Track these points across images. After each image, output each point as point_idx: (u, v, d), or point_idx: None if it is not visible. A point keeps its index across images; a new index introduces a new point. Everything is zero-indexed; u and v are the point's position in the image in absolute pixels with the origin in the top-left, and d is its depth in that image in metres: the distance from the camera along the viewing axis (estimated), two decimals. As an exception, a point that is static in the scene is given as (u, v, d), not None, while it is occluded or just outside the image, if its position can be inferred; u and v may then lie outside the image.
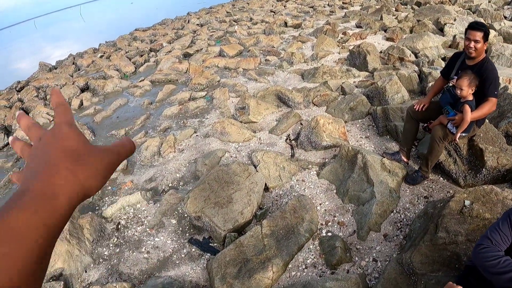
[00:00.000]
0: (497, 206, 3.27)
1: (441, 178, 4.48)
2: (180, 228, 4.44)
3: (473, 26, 3.86)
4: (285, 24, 15.20)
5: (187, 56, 12.23)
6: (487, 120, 4.61)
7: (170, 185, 5.26)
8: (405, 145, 4.63)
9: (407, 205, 4.14)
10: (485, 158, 4.16)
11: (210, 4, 33.15)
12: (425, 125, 4.53)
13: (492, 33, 9.13)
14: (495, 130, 4.49)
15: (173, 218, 4.58)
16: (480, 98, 3.83)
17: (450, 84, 4.12)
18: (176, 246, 4.26)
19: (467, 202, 3.33)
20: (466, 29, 3.95)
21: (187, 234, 4.36)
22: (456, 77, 4.08)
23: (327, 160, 5.02)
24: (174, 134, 6.32)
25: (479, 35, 3.81)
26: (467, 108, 3.74)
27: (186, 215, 4.46)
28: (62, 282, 3.83)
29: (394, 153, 4.76)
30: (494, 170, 4.17)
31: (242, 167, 4.64)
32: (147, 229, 4.51)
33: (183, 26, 20.41)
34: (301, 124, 5.87)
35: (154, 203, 4.89)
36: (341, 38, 11.42)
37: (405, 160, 4.65)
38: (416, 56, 8.53)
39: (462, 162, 4.37)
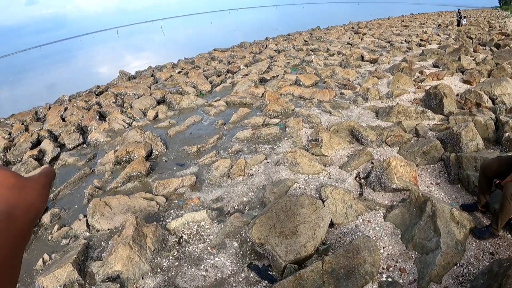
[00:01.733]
0: None
1: (510, 235, 4.30)
2: (241, 252, 4.54)
3: None
4: (362, 58, 15.25)
5: (263, 81, 12.56)
6: None
7: (236, 207, 5.41)
8: (481, 199, 4.52)
9: (471, 260, 4.01)
10: None
11: (288, 31, 33.87)
12: (497, 181, 4.35)
13: None
14: None
15: (235, 240, 4.70)
16: None
17: None
18: (235, 268, 4.35)
19: None
20: None
21: (247, 259, 4.44)
22: None
23: (395, 203, 4.96)
24: (245, 157, 6.51)
25: None
26: None
27: (248, 240, 4.56)
28: (118, 285, 4.05)
29: (472, 205, 4.67)
30: None
31: (310, 200, 4.72)
32: (208, 248, 4.64)
33: (261, 50, 20.99)
34: (372, 163, 5.85)
35: (218, 223, 5.03)
36: (418, 77, 11.31)
37: (481, 209, 4.56)
38: (494, 103, 8.26)
39: None
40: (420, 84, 10.49)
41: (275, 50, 20.79)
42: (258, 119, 8.38)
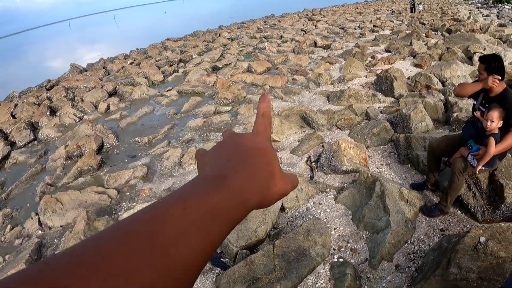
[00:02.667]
0: None
1: (459, 212, 4.40)
2: (193, 241, 4.48)
3: (479, 58, 3.99)
4: (315, 44, 15.30)
5: (215, 69, 12.41)
6: (509, 155, 4.55)
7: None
8: (430, 178, 4.62)
9: (422, 237, 4.07)
10: (505, 195, 4.07)
11: (242, 19, 33.67)
12: (446, 159, 4.47)
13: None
14: None
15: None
16: (502, 130, 3.80)
17: (476, 115, 4.09)
18: (187, 258, 4.29)
19: (482, 239, 3.27)
20: None
21: (199, 247, 4.39)
22: (480, 108, 4.07)
23: (345, 185, 4.99)
24: (196, 146, 6.41)
25: (481, 67, 3.91)
26: (492, 140, 3.68)
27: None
28: None
29: (421, 183, 4.76)
30: None
31: (260, 185, 4.68)
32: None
33: (214, 39, 20.74)
34: (323, 146, 5.87)
35: (170, 214, 4.93)
36: (370, 61, 11.44)
37: (431, 188, 4.66)
38: (443, 85, 8.45)
39: (482, 196, 4.29)
40: (371, 68, 10.63)
41: (228, 38, 20.61)
42: (209, 107, 8.26)
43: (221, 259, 4.22)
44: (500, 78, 3.87)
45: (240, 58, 13.67)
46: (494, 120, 3.67)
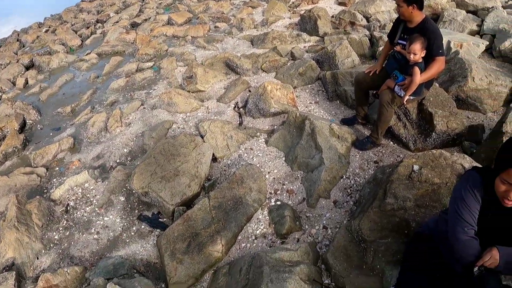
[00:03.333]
0: (446, 170, 3.24)
1: (391, 143, 4.46)
2: (129, 205, 4.29)
3: None
4: (236, -11, 14.77)
5: (134, 26, 11.71)
6: (437, 84, 4.59)
7: (118, 161, 5.04)
8: (359, 112, 4.60)
9: (357, 171, 4.09)
10: (435, 122, 4.14)
11: None
12: (374, 92, 4.47)
13: (446, -2, 9.09)
14: (445, 94, 4.47)
15: (121, 195, 4.41)
16: (426, 59, 3.77)
17: (396, 49, 4.03)
18: (125, 224, 4.12)
19: (415, 167, 3.29)
20: None
21: (136, 211, 4.22)
22: (400, 41, 4.02)
23: (275, 127, 4.91)
24: (120, 108, 6.05)
25: (400, 0, 3.79)
26: (417, 70, 3.67)
27: (134, 192, 4.29)
28: (14, 272, 3.61)
29: (351, 118, 4.74)
30: (444, 134, 4.17)
31: (188, 138, 4.48)
32: (96, 209, 4.32)
33: (131, -7, 19.53)
34: (250, 91, 5.71)
35: (102, 181, 4.68)
36: (293, 3, 11.17)
37: (361, 122, 4.65)
38: (368, 21, 8.39)
39: (412, 126, 4.35)
40: (295, 9, 10.41)
41: None
42: (131, 65, 7.79)
43: (159, 219, 4.07)
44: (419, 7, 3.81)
45: (160, 11, 12.95)
46: (417, 53, 3.66)
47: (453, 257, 2.23)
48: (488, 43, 6.43)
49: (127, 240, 3.94)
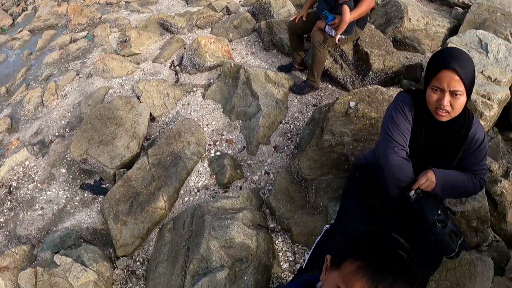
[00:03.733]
0: (383, 105, 3.25)
1: (330, 85, 4.45)
2: (71, 176, 4.14)
3: None
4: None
5: (67, -2, 11.10)
6: (372, 26, 4.59)
7: (56, 134, 4.84)
8: (295, 57, 4.55)
9: (296, 115, 4.08)
10: (371, 61, 4.14)
11: None
12: (306, 35, 4.40)
13: None
14: (381, 35, 4.49)
15: (62, 167, 4.25)
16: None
17: None
18: (68, 195, 3.99)
19: (351, 104, 3.29)
20: None
21: (78, 181, 4.08)
22: None
23: (212, 80, 4.81)
24: (55, 80, 5.77)
25: None
26: (346, 8, 3.60)
27: (75, 162, 4.13)
28: None
29: (288, 65, 4.69)
30: (381, 72, 4.19)
31: (124, 100, 4.33)
32: (38, 185, 4.16)
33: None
34: (185, 48, 5.53)
35: (42, 157, 4.48)
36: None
37: (298, 68, 4.61)
38: None
39: (349, 67, 4.34)
40: None
41: None
42: (64, 37, 7.37)
43: (102, 186, 3.95)
44: None
45: (93, -19, 12.31)
46: None
47: (388, 182, 2.20)
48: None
49: (72, 211, 3.82)
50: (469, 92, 1.87)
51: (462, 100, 1.87)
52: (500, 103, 3.45)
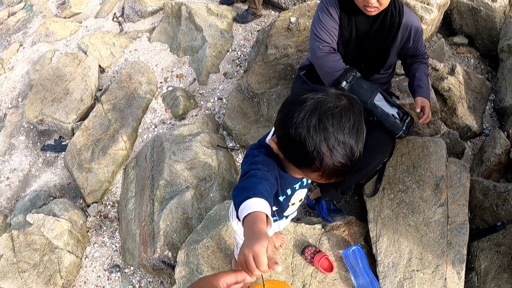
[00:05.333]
0: None
1: (273, 12, 4.43)
2: (31, 142, 4.09)
3: None
4: None
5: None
6: None
7: (10, 106, 4.71)
8: None
9: (242, 42, 4.09)
10: None
11: None
12: None
13: None
14: None
15: (20, 135, 4.18)
16: None
17: None
18: (31, 159, 3.95)
19: (292, 19, 3.31)
20: None
21: (39, 144, 4.04)
22: None
23: (156, 24, 4.73)
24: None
25: None
26: None
27: (32, 126, 4.06)
28: None
29: None
30: None
31: (70, 56, 4.25)
32: (0, 157, 4.07)
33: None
34: (125, 0, 5.40)
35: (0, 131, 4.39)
36: None
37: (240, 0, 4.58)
38: None
39: None
40: None
41: None
42: (1, 13, 7.02)
43: (62, 143, 3.92)
44: None
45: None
46: None
47: (321, 76, 2.26)
48: None
49: (37, 173, 3.81)
50: None
51: None
52: (439, 7, 3.52)
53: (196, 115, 3.47)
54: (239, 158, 3.08)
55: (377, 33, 2.14)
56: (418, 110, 2.16)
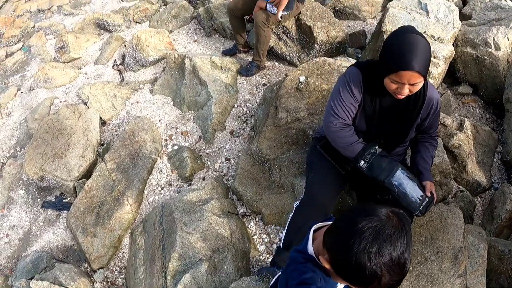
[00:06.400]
0: (332, 75, 3.23)
1: (277, 63, 4.41)
2: (30, 196, 3.91)
3: None
4: None
5: (-4, 11, 10.37)
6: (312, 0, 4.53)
7: (7, 155, 4.53)
8: (239, 40, 4.44)
9: (247, 97, 4.01)
10: (315, 34, 4.11)
11: None
12: (248, 17, 4.33)
13: None
14: (322, 7, 4.43)
15: (19, 189, 4.01)
16: None
17: None
18: (32, 216, 3.76)
19: (302, 78, 3.23)
20: None
21: (39, 199, 3.85)
22: None
23: (158, 74, 4.63)
24: (-1, 103, 5.39)
25: None
26: None
27: (31, 181, 3.88)
28: None
29: (232, 48, 4.59)
30: (326, 43, 4.17)
31: (71, 108, 4.08)
32: (-1, 211, 3.89)
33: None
34: (125, 45, 5.27)
35: (-2, 181, 4.20)
36: None
37: (243, 50, 4.51)
38: None
39: (293, 42, 4.31)
40: None
41: None
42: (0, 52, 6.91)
43: (64, 200, 3.75)
44: None
45: (21, -11, 11.50)
46: None
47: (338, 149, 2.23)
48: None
49: (38, 232, 3.62)
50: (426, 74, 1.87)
51: (420, 84, 1.86)
52: (445, 60, 3.51)
53: (204, 177, 3.33)
54: (251, 225, 2.94)
55: (401, 110, 2.08)
56: (429, 194, 2.11)
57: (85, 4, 7.51)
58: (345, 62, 3.32)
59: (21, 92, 5.35)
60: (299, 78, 3.22)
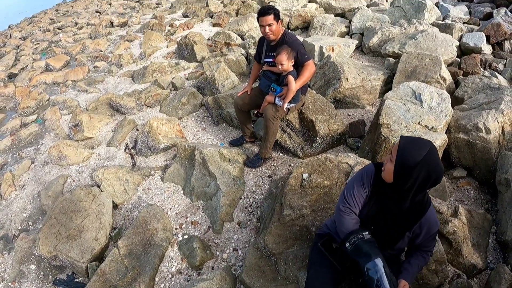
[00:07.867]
0: (334, 172, 3.35)
1: (281, 154, 4.52)
2: (42, 272, 3.92)
3: (262, 12, 3.82)
4: (111, 24, 13.99)
5: (12, 77, 10.57)
6: (313, 91, 4.67)
7: (19, 228, 4.58)
8: (245, 131, 4.60)
9: (253, 188, 4.12)
10: (317, 128, 4.23)
11: (33, 12, 28.97)
12: (256, 112, 4.41)
13: (314, 5, 9.32)
14: (323, 99, 4.58)
15: (31, 263, 4.02)
16: (297, 69, 3.84)
17: (264, 69, 4.08)
18: (42, 293, 3.77)
19: (305, 175, 3.36)
20: (257, 17, 3.88)
21: (50, 276, 3.87)
22: (267, 60, 4.06)
23: (168, 161, 4.80)
24: (11, 170, 5.48)
25: (270, 19, 3.78)
26: (291, 78, 3.72)
27: (43, 257, 3.92)
28: None
29: (239, 139, 4.73)
30: (327, 136, 4.29)
31: (85, 191, 4.21)
32: (10, 284, 3.90)
33: (5, 42, 17.72)
34: (137, 129, 5.51)
35: (8, 253, 4.23)
36: (169, 30, 10.84)
37: (249, 140, 4.66)
38: (243, 39, 8.37)
39: (297, 135, 4.42)
40: (171, 37, 10.04)
41: (20, 38, 17.67)
42: (14, 121, 7.05)
43: (75, 280, 3.77)
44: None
45: (36, 57, 11.81)
46: (284, 62, 3.69)
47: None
48: (357, 41, 6.82)
49: (49, 309, 3.62)
50: None
51: None
52: (439, 148, 3.63)
53: (213, 267, 3.43)
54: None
55: (399, 215, 2.22)
56: None
57: (99, 82, 7.77)
58: (345, 158, 3.43)
59: (35, 166, 5.46)
60: (302, 176, 3.37)
